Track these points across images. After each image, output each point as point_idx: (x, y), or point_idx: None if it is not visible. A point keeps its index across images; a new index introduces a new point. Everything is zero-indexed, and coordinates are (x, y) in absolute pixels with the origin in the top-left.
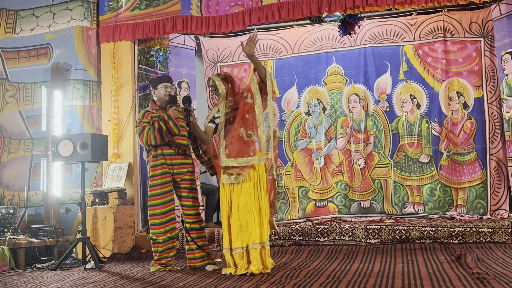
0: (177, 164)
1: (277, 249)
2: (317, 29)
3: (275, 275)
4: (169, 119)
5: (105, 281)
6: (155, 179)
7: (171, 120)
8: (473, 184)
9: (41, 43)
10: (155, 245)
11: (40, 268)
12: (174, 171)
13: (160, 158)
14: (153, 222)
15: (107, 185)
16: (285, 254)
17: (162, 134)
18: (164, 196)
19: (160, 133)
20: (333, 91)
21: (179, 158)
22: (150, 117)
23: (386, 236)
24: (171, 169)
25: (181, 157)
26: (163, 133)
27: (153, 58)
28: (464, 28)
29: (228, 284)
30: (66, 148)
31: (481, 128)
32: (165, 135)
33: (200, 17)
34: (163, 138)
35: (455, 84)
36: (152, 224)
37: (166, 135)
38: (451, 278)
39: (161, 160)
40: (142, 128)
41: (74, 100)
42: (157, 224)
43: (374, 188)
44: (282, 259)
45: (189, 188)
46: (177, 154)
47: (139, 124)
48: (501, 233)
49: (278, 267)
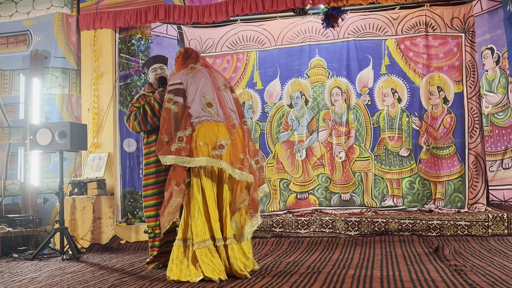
0: None
1: (257, 241)
2: (300, 21)
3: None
4: (154, 102)
5: (83, 271)
6: (149, 167)
7: (157, 102)
8: (452, 178)
9: (20, 29)
10: (151, 239)
11: (17, 258)
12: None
13: (153, 146)
14: (148, 214)
15: (86, 175)
16: (265, 246)
17: (146, 119)
18: (159, 186)
19: (145, 117)
20: (316, 84)
21: None
22: (144, 101)
23: (366, 228)
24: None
25: None
26: (147, 117)
27: (134, 47)
28: (446, 23)
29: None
30: (44, 137)
31: (460, 123)
32: (149, 119)
33: (183, 6)
34: (148, 123)
35: (435, 79)
36: (147, 217)
37: (152, 119)
38: (429, 269)
39: (154, 148)
40: (129, 114)
41: (53, 88)
42: (152, 216)
43: (354, 181)
44: (262, 251)
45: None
46: None
47: (128, 109)
48: (478, 226)
49: (259, 258)
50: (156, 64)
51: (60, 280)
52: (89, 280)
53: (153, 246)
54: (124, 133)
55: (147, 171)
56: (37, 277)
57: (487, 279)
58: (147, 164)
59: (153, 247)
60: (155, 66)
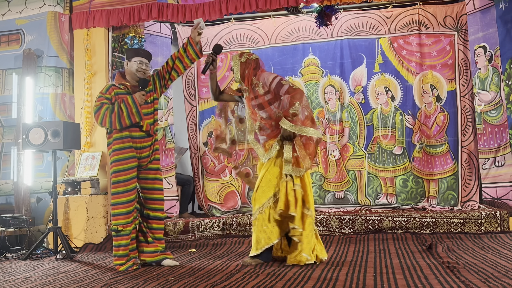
0: (145, 147)
1: (250, 239)
2: (294, 20)
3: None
4: (133, 104)
5: (77, 271)
6: (121, 164)
7: (135, 106)
8: (445, 175)
9: (12, 28)
10: (120, 237)
11: (10, 257)
12: (142, 155)
13: (127, 141)
14: (118, 211)
15: (80, 174)
16: None
17: (119, 119)
18: (129, 183)
19: (118, 117)
20: (310, 83)
21: (147, 141)
22: (114, 93)
23: (359, 226)
24: (139, 153)
25: (150, 139)
26: (121, 118)
27: (127, 46)
28: (439, 21)
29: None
30: (37, 136)
31: (453, 121)
32: (122, 121)
33: (176, 5)
34: (120, 123)
35: (428, 77)
36: (116, 214)
37: (124, 121)
38: (422, 267)
39: (128, 143)
40: (100, 106)
41: (46, 87)
42: (122, 213)
43: (348, 179)
44: None
45: (155, 169)
46: (147, 136)
47: (97, 99)
48: (471, 223)
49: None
50: (144, 58)
51: (54, 280)
52: (82, 279)
53: (119, 245)
54: None
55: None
56: (30, 276)
57: (479, 276)
58: (118, 161)
59: (119, 246)
60: (142, 60)
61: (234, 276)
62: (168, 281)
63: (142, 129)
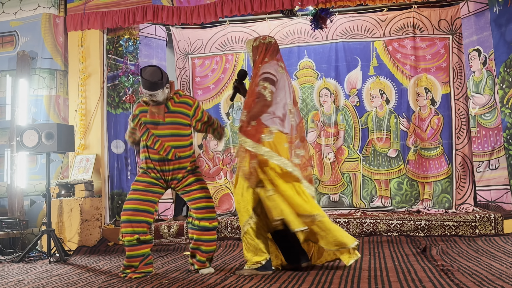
0: (170, 170)
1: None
2: (289, 22)
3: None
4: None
5: (70, 274)
6: (141, 177)
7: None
8: (439, 178)
9: (6, 30)
10: (125, 247)
11: (3, 260)
12: (169, 178)
13: (148, 162)
14: (122, 218)
15: (74, 176)
16: None
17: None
18: (142, 194)
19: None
20: (305, 85)
21: (171, 164)
22: (138, 111)
23: (354, 229)
24: (163, 175)
25: (176, 162)
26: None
27: (122, 48)
28: (433, 25)
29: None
30: (31, 138)
31: (447, 124)
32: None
33: (171, 7)
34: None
35: (423, 80)
36: (121, 222)
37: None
38: (416, 270)
39: (149, 165)
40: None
41: (40, 89)
42: (123, 221)
43: (343, 182)
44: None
45: (196, 181)
46: (166, 160)
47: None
48: (465, 226)
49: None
50: (147, 91)
51: (47, 283)
52: (76, 282)
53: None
54: (112, 134)
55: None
56: (23, 279)
57: (474, 279)
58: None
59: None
60: (147, 92)
61: (228, 279)
62: (162, 284)
63: (159, 152)
